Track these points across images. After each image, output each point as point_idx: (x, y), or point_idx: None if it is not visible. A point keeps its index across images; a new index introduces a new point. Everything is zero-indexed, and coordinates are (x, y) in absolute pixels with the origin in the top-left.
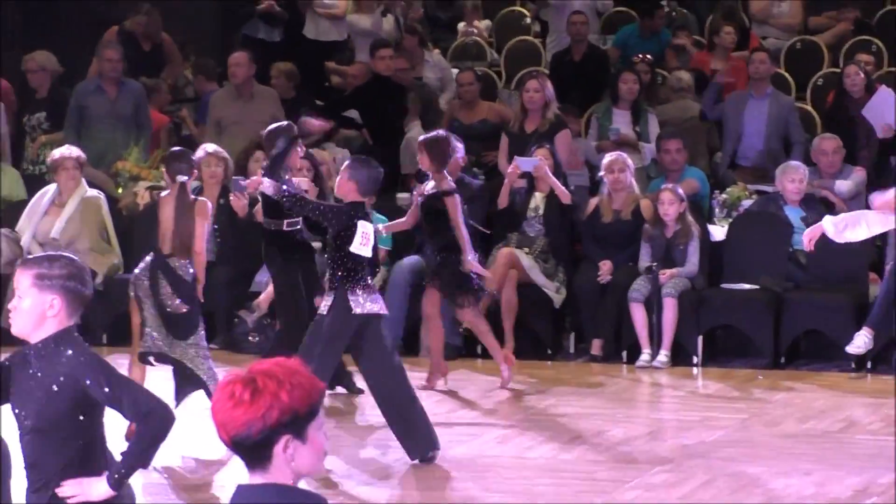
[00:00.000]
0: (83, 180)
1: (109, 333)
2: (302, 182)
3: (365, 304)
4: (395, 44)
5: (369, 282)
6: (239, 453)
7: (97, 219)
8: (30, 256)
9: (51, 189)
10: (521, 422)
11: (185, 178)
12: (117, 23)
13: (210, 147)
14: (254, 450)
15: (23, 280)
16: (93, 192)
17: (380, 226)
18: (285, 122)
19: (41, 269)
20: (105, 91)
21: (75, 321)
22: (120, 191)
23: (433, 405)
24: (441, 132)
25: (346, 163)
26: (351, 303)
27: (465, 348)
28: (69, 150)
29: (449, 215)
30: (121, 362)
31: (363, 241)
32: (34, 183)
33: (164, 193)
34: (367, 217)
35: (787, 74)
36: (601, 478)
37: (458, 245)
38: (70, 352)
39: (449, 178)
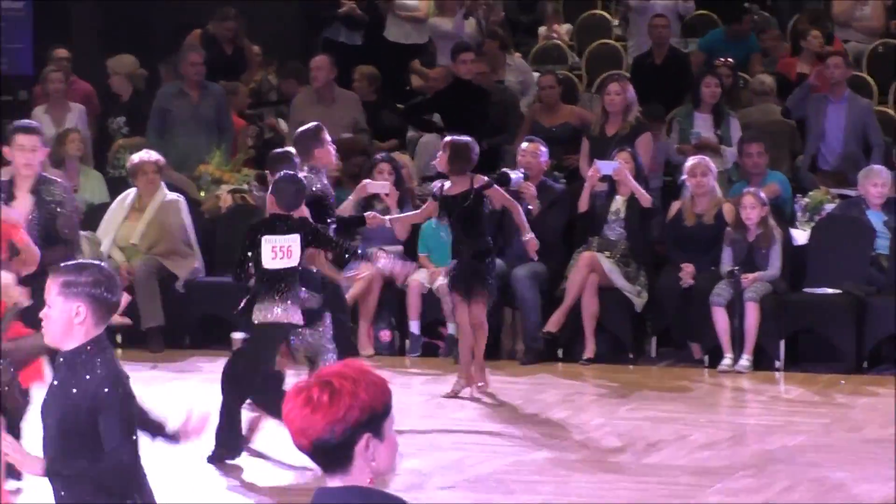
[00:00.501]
0: (162, 184)
1: (192, 336)
2: (384, 185)
3: (280, 312)
4: (476, 47)
5: (296, 293)
6: (319, 457)
7: (177, 222)
8: (63, 264)
9: (131, 193)
10: (603, 426)
11: None
12: (196, 27)
13: (291, 150)
14: (335, 451)
15: (52, 288)
16: (172, 196)
17: (386, 217)
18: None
19: (68, 276)
20: (188, 94)
21: (103, 328)
22: (202, 194)
23: (512, 409)
24: (468, 138)
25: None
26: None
27: (546, 352)
28: (148, 155)
29: (502, 205)
30: (201, 365)
31: (274, 254)
32: (117, 185)
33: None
34: (281, 229)
35: (868, 78)
36: (683, 482)
37: (486, 252)
38: (98, 360)
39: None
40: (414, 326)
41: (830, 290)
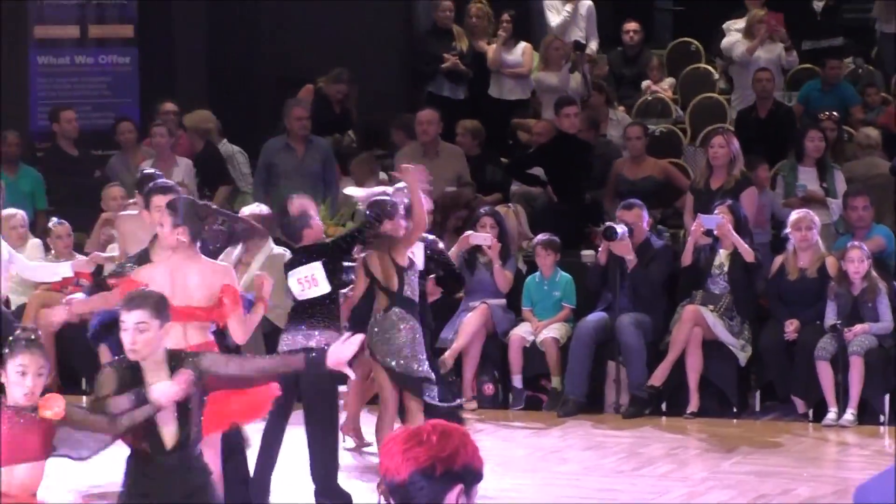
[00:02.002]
0: (270, 238)
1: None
2: (486, 238)
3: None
4: (582, 101)
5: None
6: (407, 494)
7: (282, 276)
8: None
9: (238, 246)
10: (706, 480)
11: None
12: (302, 81)
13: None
14: (427, 489)
15: None
16: (279, 250)
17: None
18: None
19: None
20: (293, 148)
21: None
22: None
23: (619, 462)
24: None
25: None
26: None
27: (650, 405)
28: (258, 208)
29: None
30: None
31: (301, 286)
32: None
33: None
34: (308, 260)
35: None
36: None
37: None
38: None
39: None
40: (517, 380)
41: None
